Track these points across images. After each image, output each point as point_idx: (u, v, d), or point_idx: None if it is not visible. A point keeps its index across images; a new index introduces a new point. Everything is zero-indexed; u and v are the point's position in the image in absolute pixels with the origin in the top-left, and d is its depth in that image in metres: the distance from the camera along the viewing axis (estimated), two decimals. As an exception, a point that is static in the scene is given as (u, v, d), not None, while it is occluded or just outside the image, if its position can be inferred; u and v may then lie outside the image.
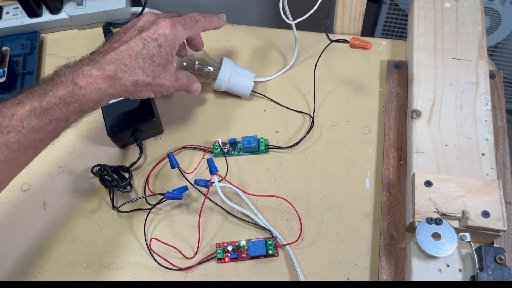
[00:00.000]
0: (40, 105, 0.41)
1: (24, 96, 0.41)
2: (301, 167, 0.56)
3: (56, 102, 0.42)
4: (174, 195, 0.51)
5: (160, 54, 0.46)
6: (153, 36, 0.45)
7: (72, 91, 0.42)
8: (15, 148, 0.40)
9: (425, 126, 0.53)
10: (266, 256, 0.50)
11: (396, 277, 0.48)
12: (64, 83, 0.42)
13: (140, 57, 0.45)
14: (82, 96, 0.43)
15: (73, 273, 0.50)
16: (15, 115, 0.40)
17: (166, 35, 0.46)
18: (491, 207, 0.46)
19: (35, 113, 0.41)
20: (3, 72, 0.60)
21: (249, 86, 0.59)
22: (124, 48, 0.45)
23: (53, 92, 0.42)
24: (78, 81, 0.42)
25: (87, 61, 0.45)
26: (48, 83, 0.43)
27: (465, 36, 0.59)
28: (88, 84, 0.43)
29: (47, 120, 0.41)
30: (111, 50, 0.45)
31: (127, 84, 0.45)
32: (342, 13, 0.63)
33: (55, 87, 0.42)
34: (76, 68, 0.44)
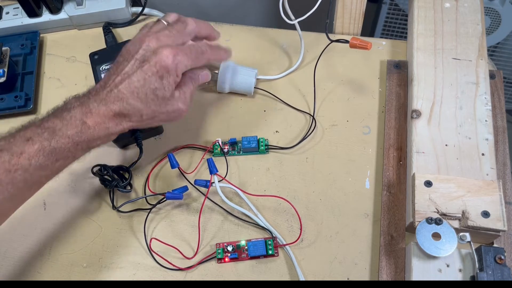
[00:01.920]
0: (50, 144, 0.41)
1: (33, 132, 0.41)
2: (301, 167, 0.56)
3: (65, 142, 0.42)
4: (174, 195, 0.51)
5: (162, 86, 0.45)
6: (154, 69, 0.44)
7: (81, 130, 0.43)
8: (21, 185, 0.41)
9: (425, 126, 0.53)
10: (266, 256, 0.50)
11: (396, 277, 0.48)
12: (74, 121, 0.43)
13: (142, 93, 0.44)
14: (91, 135, 0.43)
15: (73, 273, 0.50)
16: (24, 153, 0.40)
17: (167, 66, 0.44)
18: (491, 207, 0.46)
19: (43, 152, 0.41)
20: (3, 72, 0.60)
21: (251, 83, 0.59)
22: (126, 84, 0.44)
23: (63, 131, 0.42)
24: (87, 120, 0.43)
25: (94, 95, 0.45)
26: (58, 118, 0.43)
27: (465, 36, 0.59)
28: (96, 123, 0.43)
29: (55, 159, 0.42)
30: (114, 86, 0.44)
31: (133, 121, 0.45)
32: (342, 13, 0.63)
33: (65, 126, 0.42)
34: (85, 103, 0.44)
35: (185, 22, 0.49)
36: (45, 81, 0.64)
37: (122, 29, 0.68)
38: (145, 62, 0.44)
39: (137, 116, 0.45)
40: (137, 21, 0.68)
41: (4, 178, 0.40)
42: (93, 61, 0.61)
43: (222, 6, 0.96)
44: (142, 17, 0.68)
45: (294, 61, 0.63)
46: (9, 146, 0.40)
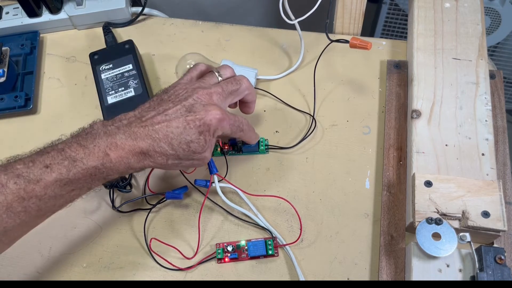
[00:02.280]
0: (68, 175, 0.40)
1: (53, 159, 0.40)
2: (301, 167, 0.56)
3: (83, 173, 0.41)
4: (174, 195, 0.51)
5: (198, 141, 0.43)
6: (197, 123, 0.43)
7: (102, 163, 0.41)
8: (34, 213, 0.40)
9: (425, 126, 0.53)
10: (266, 256, 0.50)
11: (396, 277, 0.48)
12: (96, 152, 0.41)
13: (176, 140, 0.43)
14: (110, 169, 0.42)
15: (73, 273, 0.50)
16: (40, 182, 0.39)
17: (211, 125, 0.43)
18: (491, 207, 0.46)
19: (60, 183, 0.40)
20: (3, 72, 0.60)
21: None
22: (164, 126, 0.43)
23: (83, 162, 0.41)
24: (110, 153, 0.41)
25: (124, 126, 0.43)
26: (81, 146, 0.41)
27: (465, 36, 0.59)
28: (118, 157, 0.42)
29: (71, 189, 0.41)
30: (150, 124, 0.43)
31: (156, 162, 0.44)
32: (342, 13, 0.63)
33: (86, 156, 0.41)
34: (112, 133, 0.42)
35: (239, 83, 0.48)
36: (45, 81, 0.64)
37: (122, 29, 0.68)
38: (191, 113, 0.43)
39: (162, 160, 0.43)
40: (137, 21, 0.68)
41: (17, 205, 0.39)
42: (93, 61, 0.61)
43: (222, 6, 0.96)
44: (142, 17, 0.68)
45: (294, 61, 0.63)
46: (27, 172, 0.39)
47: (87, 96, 0.62)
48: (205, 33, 0.67)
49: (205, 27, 0.68)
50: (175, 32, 0.67)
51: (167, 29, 0.68)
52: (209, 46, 0.66)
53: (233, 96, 0.48)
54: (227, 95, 0.47)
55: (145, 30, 0.68)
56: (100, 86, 0.59)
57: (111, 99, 0.57)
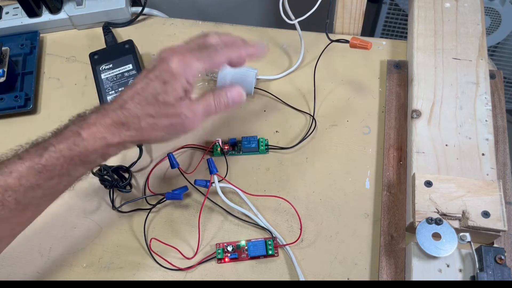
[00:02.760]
0: (40, 161, 0.39)
1: (28, 151, 0.40)
2: (301, 167, 0.56)
3: (56, 156, 0.39)
4: (174, 195, 0.51)
5: (165, 91, 0.41)
6: (157, 73, 0.41)
7: (74, 142, 0.40)
8: (13, 207, 0.39)
9: (425, 126, 0.53)
10: (266, 256, 0.50)
11: (396, 277, 0.48)
12: (67, 134, 0.40)
13: (142, 98, 0.41)
14: (84, 148, 0.40)
15: (73, 273, 0.50)
16: (13, 173, 0.38)
17: (172, 71, 0.41)
18: (491, 207, 0.46)
19: (33, 171, 0.39)
20: (3, 72, 0.60)
21: (251, 83, 0.59)
22: (130, 92, 0.42)
23: (55, 146, 0.39)
24: (82, 132, 0.40)
25: (97, 108, 0.43)
26: (54, 134, 0.41)
27: (465, 36, 0.59)
28: (91, 134, 0.40)
29: (47, 176, 0.39)
30: (119, 96, 0.42)
31: (131, 129, 0.41)
32: (342, 13, 0.63)
33: (58, 140, 0.40)
34: (85, 116, 0.42)
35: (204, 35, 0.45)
36: (45, 81, 0.64)
37: (122, 29, 0.68)
38: (151, 71, 0.42)
39: (135, 124, 0.41)
40: (137, 21, 0.68)
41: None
42: (93, 61, 0.61)
43: (222, 6, 0.96)
44: (142, 17, 0.68)
45: (294, 61, 0.63)
46: (1, 166, 0.39)
47: (87, 96, 0.62)
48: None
49: (205, 27, 0.68)
50: (175, 32, 0.67)
51: (167, 29, 0.68)
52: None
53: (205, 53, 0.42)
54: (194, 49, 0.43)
55: (145, 30, 0.68)
56: (100, 86, 0.59)
57: (111, 99, 0.57)
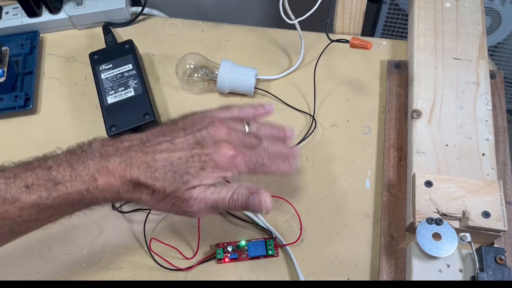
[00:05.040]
0: (47, 200, 0.36)
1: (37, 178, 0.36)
2: (301, 167, 0.56)
3: (65, 198, 0.36)
4: (174, 195, 0.51)
5: (195, 176, 0.38)
6: (203, 158, 0.38)
7: (88, 189, 0.37)
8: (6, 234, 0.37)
9: (425, 126, 0.53)
10: (266, 256, 0.50)
11: (396, 277, 0.48)
12: (84, 176, 0.37)
13: (171, 173, 0.38)
14: (95, 196, 0.37)
15: (73, 273, 0.50)
16: (17, 202, 0.35)
17: (217, 163, 0.38)
18: (491, 207, 0.46)
19: (38, 208, 0.36)
20: (3, 72, 0.60)
21: (250, 83, 0.59)
22: (165, 156, 0.38)
23: (67, 186, 0.36)
24: (98, 178, 0.37)
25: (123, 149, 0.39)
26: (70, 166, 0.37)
27: (466, 36, 0.59)
28: (106, 184, 0.37)
29: (50, 214, 0.37)
30: (152, 151, 0.39)
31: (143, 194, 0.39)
32: (342, 13, 0.63)
33: (72, 179, 0.36)
34: (107, 154, 0.38)
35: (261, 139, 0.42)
36: (45, 81, 0.64)
37: (122, 29, 0.68)
38: (199, 146, 0.39)
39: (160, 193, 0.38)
40: (137, 21, 0.68)
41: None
42: (93, 61, 0.61)
43: (222, 6, 0.96)
44: (142, 17, 0.68)
45: (294, 61, 0.63)
46: (5, 189, 0.36)
47: (87, 96, 0.62)
48: (205, 33, 0.67)
49: (205, 27, 0.68)
50: (175, 32, 0.67)
51: (167, 29, 0.68)
52: (209, 46, 0.65)
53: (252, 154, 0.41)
54: (245, 145, 0.41)
55: (145, 30, 0.68)
56: (100, 86, 0.59)
57: (111, 99, 0.57)
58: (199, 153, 0.39)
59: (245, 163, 0.40)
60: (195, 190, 0.38)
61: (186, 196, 0.38)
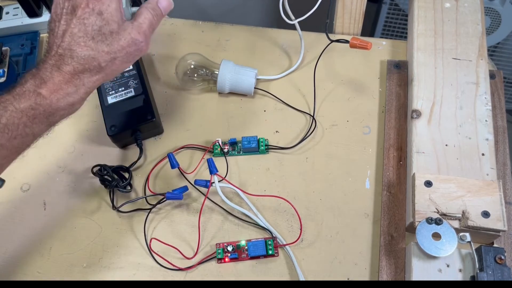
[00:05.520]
0: (0, 121, 0.37)
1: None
2: (301, 167, 0.56)
3: (18, 116, 0.38)
4: (174, 195, 0.51)
5: (105, 21, 0.40)
6: (88, 9, 0.40)
7: (35, 102, 0.39)
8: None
9: (425, 126, 0.53)
10: (266, 256, 0.50)
11: (396, 277, 0.48)
12: (27, 94, 0.39)
13: (88, 39, 0.40)
14: (48, 106, 0.39)
15: (73, 273, 0.50)
16: None
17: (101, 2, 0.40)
18: (491, 207, 0.46)
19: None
20: (3, 72, 0.60)
21: (250, 83, 0.59)
22: (69, 39, 0.40)
23: (14, 106, 0.38)
24: (41, 91, 0.39)
25: (42, 63, 0.41)
26: (10, 94, 0.39)
27: (465, 36, 0.59)
28: (53, 92, 0.39)
29: (10, 136, 0.38)
30: (58, 47, 0.40)
31: (93, 73, 0.41)
32: (342, 13, 0.63)
33: (16, 100, 0.38)
34: (37, 74, 0.40)
35: None
36: (45, 81, 0.64)
37: (122, 29, 0.68)
38: (77, 9, 0.40)
39: (95, 67, 0.40)
40: (137, 21, 0.68)
41: None
42: (93, 61, 0.61)
43: (222, 6, 0.96)
44: (142, 17, 0.68)
45: (294, 61, 0.63)
46: None
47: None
48: (205, 33, 0.67)
49: (205, 27, 0.68)
50: (175, 32, 0.67)
51: (167, 29, 0.68)
52: (209, 46, 0.66)
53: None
54: None
55: (145, 30, 0.68)
56: (100, 86, 0.59)
57: (111, 99, 0.57)
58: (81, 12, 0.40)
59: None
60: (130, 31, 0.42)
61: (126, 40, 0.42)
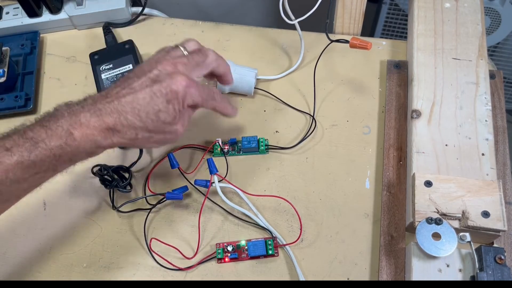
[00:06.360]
0: (29, 157, 0.38)
1: (15, 142, 0.39)
2: (301, 167, 0.56)
3: (46, 154, 0.39)
4: (174, 195, 0.51)
5: (167, 110, 0.42)
6: (164, 91, 0.42)
7: (66, 142, 0.39)
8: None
9: (425, 126, 0.53)
10: (266, 256, 0.50)
11: (396, 277, 0.48)
12: (59, 132, 0.40)
13: (143, 112, 0.41)
14: (75, 148, 0.40)
15: (73, 273, 0.50)
16: (1, 165, 0.38)
17: (178, 92, 0.42)
18: (491, 207, 0.46)
19: (22, 166, 0.38)
20: (3, 72, 0.60)
21: (250, 83, 0.59)
22: (130, 99, 0.42)
23: (45, 143, 0.39)
24: (74, 132, 0.40)
25: (89, 105, 0.42)
26: (43, 127, 0.40)
27: (465, 36, 0.59)
28: (83, 135, 0.40)
29: (34, 172, 0.39)
30: (116, 98, 0.42)
31: (125, 137, 0.42)
32: (342, 13, 0.63)
33: (49, 136, 0.39)
34: (76, 113, 0.41)
35: (205, 54, 0.47)
36: (45, 81, 0.64)
37: (122, 29, 0.68)
38: (156, 83, 0.42)
39: (132, 134, 0.42)
40: (137, 21, 0.68)
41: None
42: (93, 61, 0.61)
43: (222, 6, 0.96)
44: (142, 17, 0.68)
45: (294, 61, 0.63)
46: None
47: (87, 96, 0.62)
48: (205, 33, 0.67)
49: (205, 27, 0.68)
50: (175, 32, 0.67)
51: (167, 29, 0.68)
52: (209, 46, 0.65)
53: (200, 68, 0.46)
54: (194, 67, 0.45)
55: (145, 30, 0.68)
56: (100, 86, 0.59)
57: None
58: (159, 88, 0.42)
59: (198, 93, 0.44)
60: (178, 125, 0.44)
61: (171, 130, 0.44)
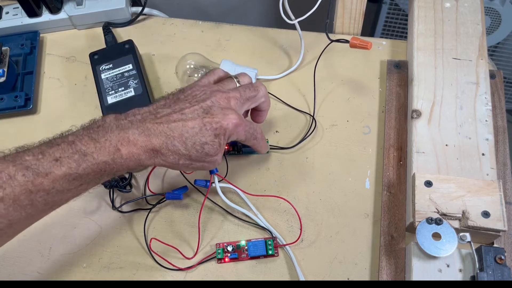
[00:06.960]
0: (77, 170, 0.39)
1: (63, 152, 0.39)
2: (301, 167, 0.56)
3: (93, 168, 0.40)
4: (174, 195, 0.51)
5: (213, 144, 0.43)
6: (214, 126, 0.43)
7: (113, 159, 0.40)
8: (40, 207, 0.39)
9: (425, 126, 0.53)
10: (266, 256, 0.50)
11: (396, 277, 0.48)
12: (107, 146, 0.40)
13: (190, 141, 0.42)
14: (120, 164, 0.41)
15: (73, 273, 0.50)
16: (49, 175, 0.38)
17: (227, 129, 0.43)
18: (491, 207, 0.46)
19: (69, 177, 0.39)
20: (3, 72, 0.60)
21: None
22: (180, 125, 0.42)
23: (93, 157, 0.40)
24: (122, 148, 0.41)
25: (138, 121, 0.43)
26: (92, 140, 0.40)
27: (465, 36, 0.59)
28: (130, 153, 0.41)
29: (79, 183, 0.40)
30: (166, 121, 0.42)
31: (167, 161, 0.43)
32: (342, 13, 0.63)
33: (97, 150, 0.40)
34: (125, 128, 0.42)
35: (256, 89, 0.48)
36: (45, 81, 0.64)
37: (122, 29, 0.68)
38: (208, 115, 0.43)
39: (174, 159, 0.43)
40: (137, 21, 0.68)
41: (24, 198, 0.38)
42: (93, 61, 0.61)
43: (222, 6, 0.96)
44: (142, 17, 0.68)
45: (294, 61, 0.63)
46: (36, 164, 0.38)
47: (87, 96, 0.62)
48: (205, 33, 0.67)
49: (205, 27, 0.68)
50: (175, 32, 0.67)
51: (167, 29, 0.68)
52: (209, 46, 0.66)
53: (250, 103, 0.48)
54: (245, 101, 0.47)
55: (145, 30, 0.68)
56: (100, 86, 0.59)
57: (111, 99, 0.57)
58: (210, 121, 0.43)
59: (244, 132, 0.45)
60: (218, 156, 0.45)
61: (211, 160, 0.44)
